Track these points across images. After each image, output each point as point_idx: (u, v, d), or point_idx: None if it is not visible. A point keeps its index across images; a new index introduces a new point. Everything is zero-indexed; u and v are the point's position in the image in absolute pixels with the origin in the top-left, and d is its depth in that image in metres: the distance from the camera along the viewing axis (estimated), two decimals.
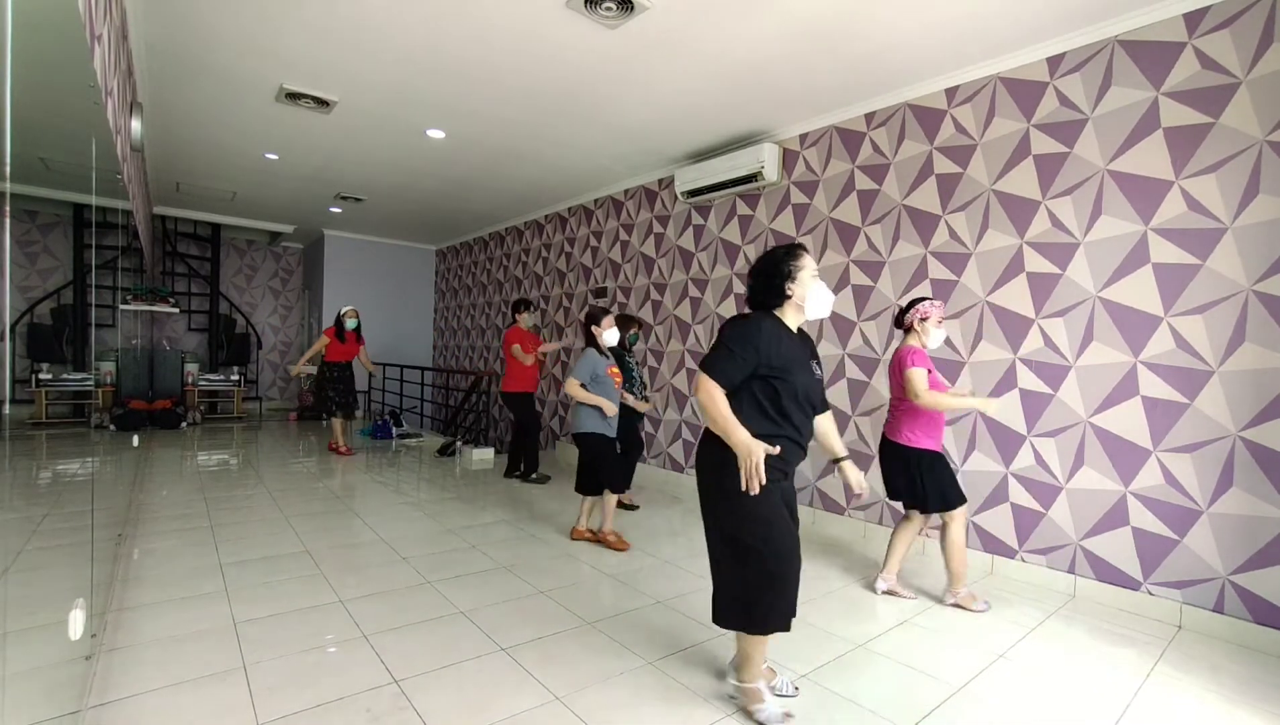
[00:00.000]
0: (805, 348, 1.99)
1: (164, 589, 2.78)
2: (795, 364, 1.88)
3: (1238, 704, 2.16)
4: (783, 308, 1.97)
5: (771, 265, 1.96)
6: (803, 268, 1.93)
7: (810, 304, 1.93)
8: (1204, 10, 2.74)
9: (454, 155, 5.33)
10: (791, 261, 1.94)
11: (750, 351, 1.84)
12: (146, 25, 3.31)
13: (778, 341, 1.87)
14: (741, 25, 3.11)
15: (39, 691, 1.73)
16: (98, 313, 5.46)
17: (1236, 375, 2.67)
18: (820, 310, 1.95)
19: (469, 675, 2.14)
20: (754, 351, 1.84)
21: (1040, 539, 3.23)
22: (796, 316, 1.97)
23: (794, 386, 1.86)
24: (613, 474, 3.60)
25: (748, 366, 1.84)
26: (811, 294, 1.92)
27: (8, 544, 1.75)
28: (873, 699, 2.09)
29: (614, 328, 3.67)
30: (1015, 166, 3.33)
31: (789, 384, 1.86)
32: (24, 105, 1.27)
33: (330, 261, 9.17)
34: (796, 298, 1.94)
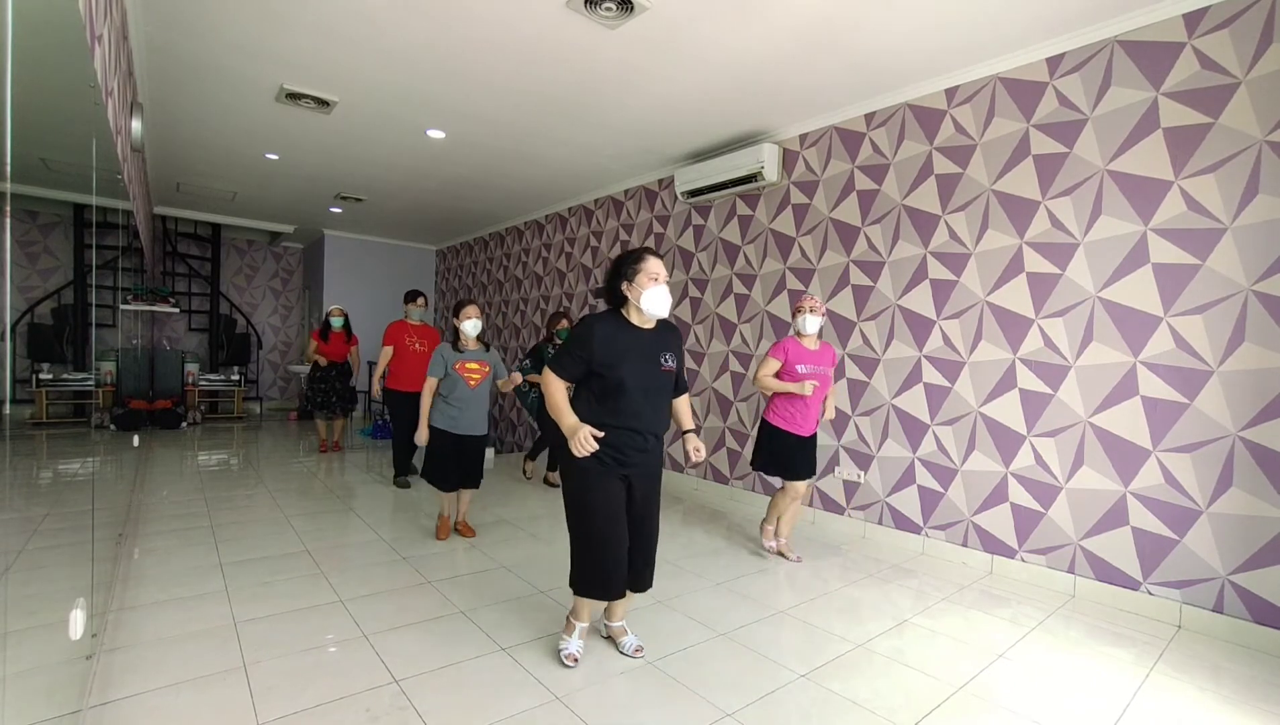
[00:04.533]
0: (656, 341, 2.18)
1: (164, 589, 2.78)
2: (628, 359, 2.08)
3: (1237, 704, 2.16)
4: (626, 307, 2.17)
5: (614, 268, 2.17)
6: (640, 271, 2.11)
7: (645, 304, 2.10)
8: (1203, 10, 2.74)
9: (454, 155, 5.33)
10: (631, 265, 2.13)
11: (584, 351, 2.08)
12: (147, 25, 3.31)
13: (609, 340, 2.08)
14: (741, 25, 3.11)
15: (39, 691, 1.74)
16: (98, 313, 5.45)
17: (1236, 375, 2.67)
18: (655, 309, 2.12)
19: (469, 675, 2.15)
20: (588, 351, 2.07)
21: (1040, 539, 3.23)
22: (639, 314, 2.16)
23: (622, 380, 2.06)
24: (431, 469, 3.51)
25: (583, 363, 2.09)
26: (646, 295, 2.10)
27: (8, 544, 1.75)
28: (872, 699, 2.09)
29: (475, 319, 3.49)
30: (1015, 167, 3.34)
31: (617, 378, 2.06)
32: (24, 105, 1.27)
33: (330, 261, 9.17)
34: (634, 298, 2.13)
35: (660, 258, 2.15)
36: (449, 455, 3.49)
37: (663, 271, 2.14)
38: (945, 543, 3.60)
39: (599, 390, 2.11)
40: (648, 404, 2.13)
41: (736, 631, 2.58)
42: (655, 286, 2.11)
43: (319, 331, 6.06)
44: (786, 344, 3.30)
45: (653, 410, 2.16)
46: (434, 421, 3.47)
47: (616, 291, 2.17)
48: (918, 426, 3.76)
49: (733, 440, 4.88)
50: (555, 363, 2.13)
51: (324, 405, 6.09)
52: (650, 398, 2.14)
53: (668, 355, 2.19)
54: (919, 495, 3.75)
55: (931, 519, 3.68)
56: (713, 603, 2.87)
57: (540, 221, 7.35)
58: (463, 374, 3.43)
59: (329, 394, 6.09)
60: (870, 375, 4.01)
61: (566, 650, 2.23)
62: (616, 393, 2.08)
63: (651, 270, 2.12)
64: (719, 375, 5.02)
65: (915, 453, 3.77)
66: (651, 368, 2.14)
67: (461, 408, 3.44)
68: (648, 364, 2.13)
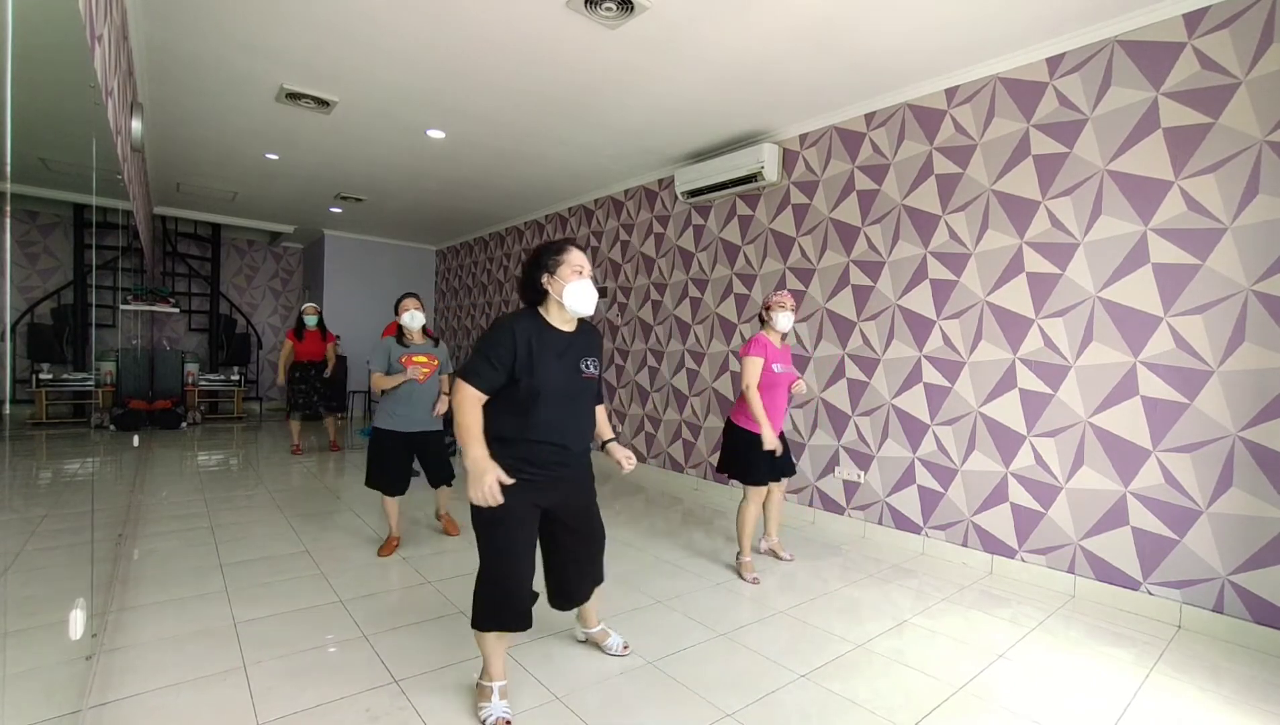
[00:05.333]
0: (578, 345, 1.97)
1: (164, 589, 2.78)
2: (547, 364, 1.86)
3: (1237, 704, 2.16)
4: (546, 304, 1.95)
5: (534, 260, 1.95)
6: (563, 263, 1.90)
7: (569, 300, 1.89)
8: (1204, 10, 2.74)
9: (454, 155, 5.33)
10: (553, 256, 1.91)
11: (505, 355, 1.83)
12: (147, 25, 3.31)
13: (527, 342, 1.85)
14: (741, 25, 3.11)
15: (39, 691, 1.73)
16: (98, 313, 5.46)
17: (1236, 375, 2.67)
18: (579, 306, 1.90)
19: (469, 675, 2.14)
20: (509, 355, 1.83)
21: (1040, 539, 3.23)
22: (560, 312, 1.94)
23: (540, 388, 1.84)
24: (375, 473, 3.34)
25: (504, 370, 1.83)
26: (569, 290, 1.88)
27: (8, 544, 1.75)
28: (872, 699, 2.09)
29: (416, 311, 3.37)
30: (1015, 167, 3.34)
31: (536, 386, 1.84)
32: (24, 105, 1.27)
33: (330, 261, 9.17)
34: (555, 293, 1.91)
35: (584, 250, 1.97)
36: (398, 457, 3.32)
37: (587, 265, 1.94)
38: (945, 543, 3.60)
39: (515, 400, 1.85)
40: (570, 414, 1.92)
41: (736, 631, 2.58)
42: (579, 280, 1.90)
43: (293, 331, 6.02)
44: (764, 342, 3.18)
45: (575, 421, 1.95)
46: (379, 422, 3.33)
47: (535, 285, 1.94)
48: (918, 426, 3.76)
49: None
50: (470, 372, 1.82)
51: (303, 405, 6.01)
52: (573, 408, 1.94)
53: (589, 361, 1.99)
54: (919, 495, 3.75)
55: (931, 519, 3.68)
56: (713, 603, 2.87)
57: (540, 221, 7.35)
58: (409, 367, 3.29)
59: (309, 394, 6.02)
60: (870, 375, 4.01)
61: (492, 718, 1.85)
62: (534, 403, 1.85)
63: (575, 262, 1.91)
64: (719, 375, 5.02)
65: (915, 453, 3.77)
66: (572, 375, 1.92)
67: (411, 404, 3.30)
68: (568, 371, 1.91)
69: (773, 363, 3.15)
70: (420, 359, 3.33)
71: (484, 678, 1.96)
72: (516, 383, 1.84)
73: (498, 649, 1.94)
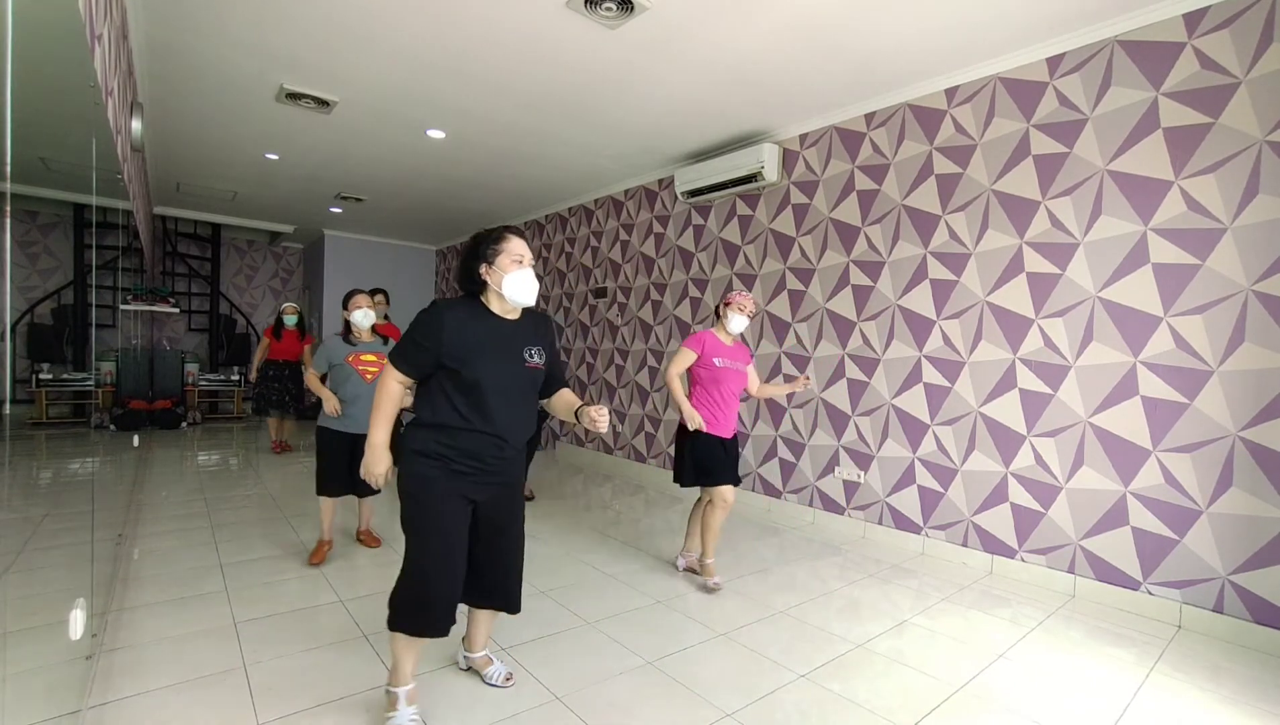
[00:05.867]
0: (520, 334, 1.88)
1: (164, 589, 2.78)
2: (484, 353, 1.78)
3: (1238, 704, 2.16)
4: (485, 293, 1.87)
5: (470, 249, 1.87)
6: (502, 252, 1.83)
7: (508, 290, 1.82)
8: (1204, 10, 2.74)
9: (454, 155, 5.33)
10: (491, 245, 1.84)
11: (431, 341, 1.75)
12: (147, 25, 3.31)
13: (461, 330, 1.77)
14: (741, 25, 3.11)
15: (39, 691, 1.74)
16: (98, 313, 5.46)
17: (1236, 375, 2.67)
18: (519, 295, 1.82)
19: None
20: (435, 341, 1.75)
21: (1040, 539, 3.23)
22: (500, 302, 1.86)
23: (476, 378, 1.76)
24: (322, 472, 3.19)
25: (429, 356, 1.77)
26: (508, 280, 1.81)
27: (8, 544, 1.75)
28: (872, 699, 2.09)
29: (361, 309, 3.21)
30: (1015, 167, 3.34)
31: (471, 375, 1.76)
32: (24, 105, 1.27)
33: (330, 261, 9.16)
34: (494, 283, 1.84)
35: (524, 238, 1.88)
36: (338, 459, 3.17)
37: (527, 253, 1.86)
38: (945, 543, 3.61)
39: (449, 389, 1.79)
40: (507, 406, 1.83)
41: (736, 631, 2.58)
42: (519, 270, 1.82)
43: (271, 329, 5.98)
44: (704, 336, 3.02)
45: (513, 414, 1.85)
46: (322, 421, 3.19)
47: (473, 275, 1.86)
48: (918, 426, 3.76)
49: None
50: (396, 354, 1.81)
51: (277, 403, 5.96)
52: (511, 399, 1.84)
53: (532, 350, 1.89)
54: (919, 495, 3.75)
55: (931, 519, 3.68)
56: (712, 603, 2.87)
57: (540, 221, 7.35)
58: (357, 367, 3.14)
59: (282, 393, 5.97)
60: (870, 375, 4.01)
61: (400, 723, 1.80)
62: (469, 392, 1.77)
63: (514, 251, 1.83)
64: None
65: (915, 453, 3.77)
66: (513, 365, 1.84)
67: (357, 405, 3.12)
68: (509, 361, 1.83)
69: (712, 357, 2.97)
70: (368, 358, 3.18)
71: (391, 681, 1.87)
72: (451, 372, 1.77)
73: (409, 653, 1.84)
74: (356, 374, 3.16)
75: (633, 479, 5.67)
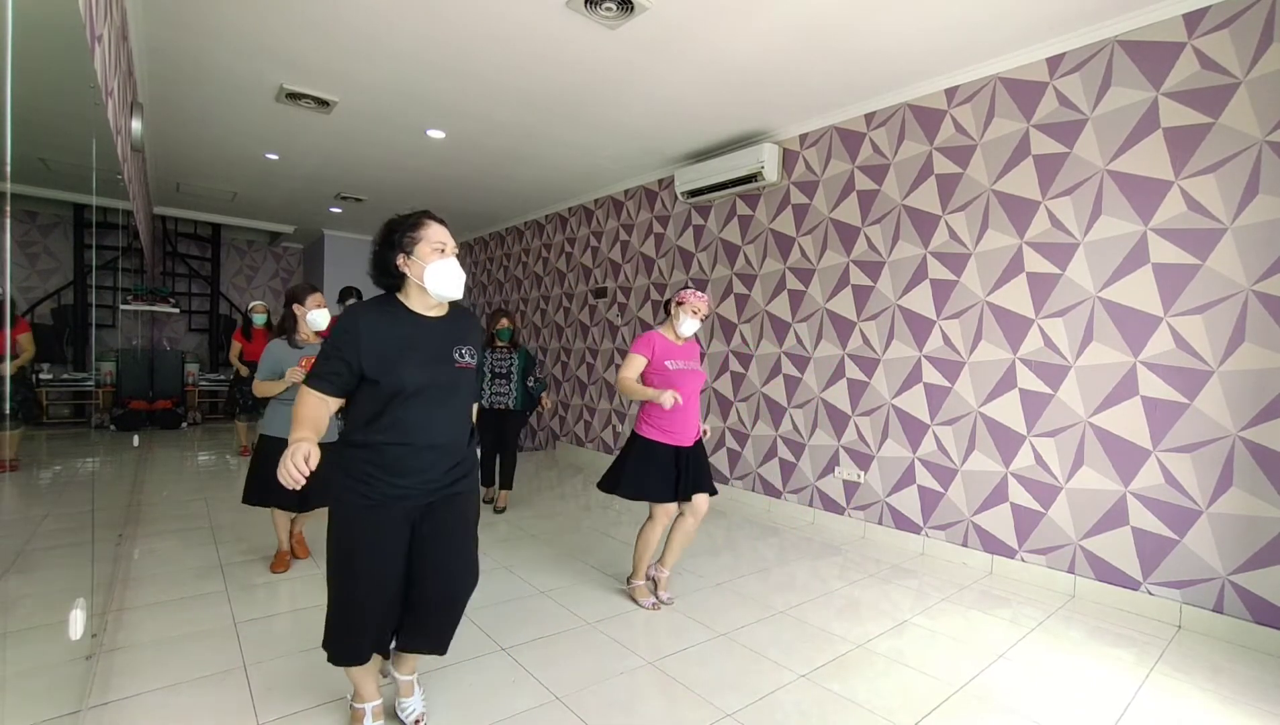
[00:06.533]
0: (448, 332, 1.69)
1: (164, 589, 2.78)
2: (407, 360, 1.59)
3: (1238, 704, 2.16)
4: (405, 288, 1.67)
5: (384, 238, 1.66)
6: (420, 240, 1.62)
7: (431, 283, 1.61)
8: (1204, 10, 2.74)
9: (454, 155, 5.33)
10: (407, 233, 1.63)
11: (348, 352, 1.57)
12: (147, 25, 3.31)
13: (379, 335, 1.59)
14: (741, 25, 3.11)
15: (39, 691, 1.74)
16: (98, 313, 5.46)
17: (1236, 375, 2.67)
18: (444, 289, 1.62)
19: (469, 675, 2.15)
20: (352, 352, 1.57)
21: (1040, 539, 3.23)
22: (422, 297, 1.66)
23: (401, 385, 1.57)
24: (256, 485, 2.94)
25: (347, 369, 1.58)
26: (430, 271, 1.61)
27: (8, 544, 1.75)
28: (872, 699, 2.09)
29: (322, 308, 3.01)
30: (1015, 166, 3.34)
31: (395, 382, 1.57)
32: (24, 105, 1.27)
33: (330, 261, 9.17)
34: (414, 276, 1.63)
35: (444, 224, 1.68)
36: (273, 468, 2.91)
37: (450, 241, 1.66)
38: (945, 543, 3.61)
39: (375, 399, 1.59)
40: (439, 412, 1.64)
41: (736, 631, 2.58)
42: (441, 259, 1.62)
43: (240, 331, 5.77)
44: (652, 338, 2.78)
45: (447, 419, 1.66)
46: (268, 429, 2.93)
47: (389, 268, 1.65)
48: (918, 426, 3.76)
49: (733, 441, 4.88)
50: (314, 375, 1.60)
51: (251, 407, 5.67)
52: (443, 404, 1.65)
53: (463, 349, 1.69)
54: (919, 495, 3.75)
55: (931, 519, 3.68)
56: (713, 603, 2.87)
57: (540, 221, 7.36)
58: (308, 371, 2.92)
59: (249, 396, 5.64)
60: (870, 375, 4.01)
61: None
62: (394, 401, 1.58)
63: (434, 238, 1.63)
64: (719, 375, 5.02)
65: (915, 453, 3.77)
66: (442, 368, 1.64)
67: None
68: (436, 362, 1.63)
69: (664, 359, 2.75)
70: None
71: (355, 699, 1.78)
72: (373, 382, 1.58)
73: (365, 675, 1.75)
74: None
75: None
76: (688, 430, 2.77)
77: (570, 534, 3.88)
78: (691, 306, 2.78)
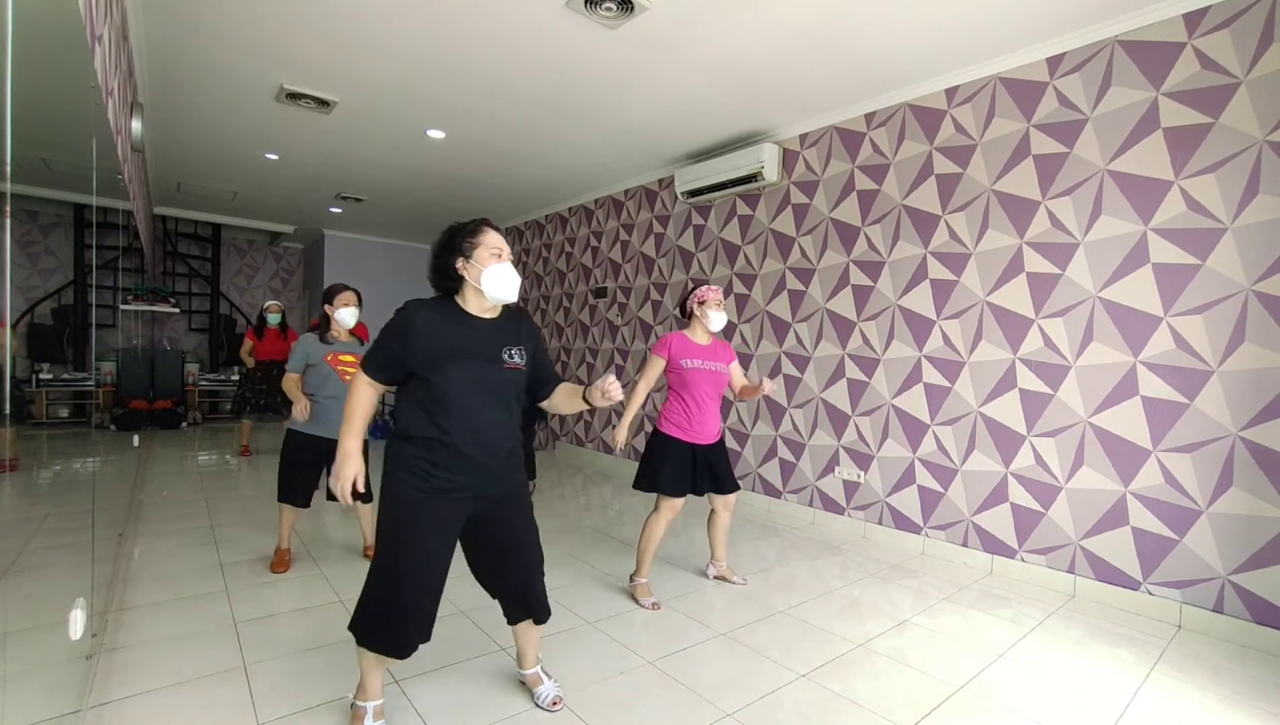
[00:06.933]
0: (499, 334, 1.77)
1: (164, 589, 2.78)
2: (458, 357, 1.67)
3: (1238, 704, 2.16)
4: (462, 291, 1.76)
5: (444, 243, 1.76)
6: (480, 245, 1.72)
7: (488, 286, 1.71)
8: (1204, 10, 2.74)
9: (454, 155, 5.33)
10: (467, 238, 1.73)
11: (400, 344, 1.66)
12: (147, 25, 3.31)
13: (432, 333, 1.66)
14: (741, 25, 3.11)
15: (39, 691, 1.74)
16: (99, 313, 5.47)
17: (1236, 375, 2.67)
18: (500, 292, 1.72)
19: (469, 675, 2.15)
20: (403, 345, 1.66)
21: (1040, 539, 3.23)
22: (478, 299, 1.76)
23: (447, 384, 1.65)
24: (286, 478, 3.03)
25: (398, 361, 1.67)
26: (488, 274, 1.70)
27: (9, 544, 1.75)
28: (872, 699, 2.09)
29: (350, 307, 3.05)
30: (1015, 166, 3.34)
31: (442, 381, 1.65)
32: (25, 105, 1.27)
33: (330, 261, 9.16)
34: (471, 279, 1.72)
35: (501, 231, 1.79)
36: (304, 465, 3.01)
37: (506, 247, 1.76)
38: (945, 543, 3.61)
39: (422, 396, 1.67)
40: (486, 413, 1.70)
41: (736, 631, 2.58)
42: (499, 263, 1.72)
43: (253, 329, 5.85)
44: (670, 340, 2.85)
45: (492, 420, 1.72)
46: (293, 425, 3.04)
47: (449, 272, 1.74)
48: (918, 426, 3.76)
49: (733, 441, 4.88)
50: (368, 359, 1.71)
51: (263, 406, 5.74)
52: (490, 405, 1.71)
53: (513, 350, 1.77)
54: (919, 495, 3.75)
55: (931, 519, 3.68)
56: (713, 603, 2.87)
57: (540, 221, 7.36)
58: (336, 367, 2.97)
59: (258, 396, 5.76)
60: (870, 375, 4.01)
61: None
62: (442, 400, 1.65)
63: (492, 244, 1.73)
64: None
65: (915, 453, 3.77)
66: (491, 367, 1.71)
67: (334, 406, 2.95)
68: (485, 363, 1.71)
69: (680, 358, 2.82)
70: (347, 359, 3.02)
71: (358, 696, 1.81)
72: (423, 379, 1.66)
73: (376, 667, 1.78)
74: (335, 374, 2.99)
75: (633, 479, 5.66)
76: (706, 429, 2.85)
77: (570, 534, 3.88)
78: (713, 301, 2.86)
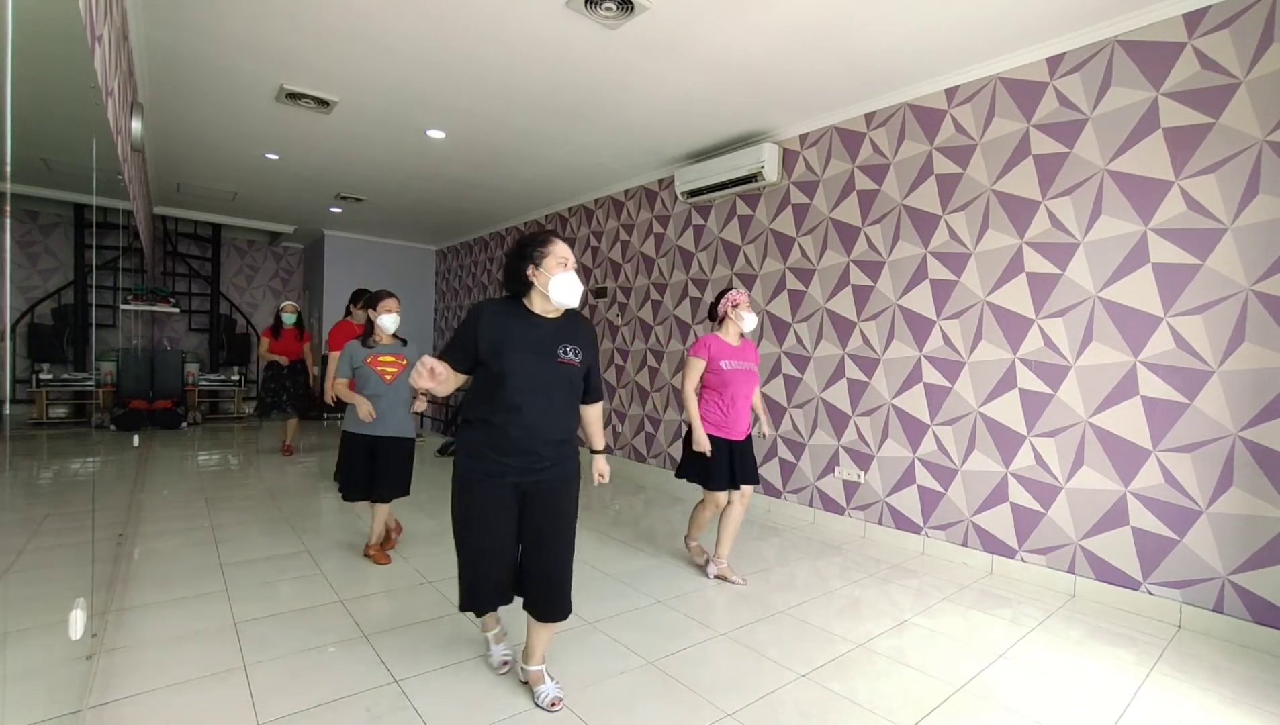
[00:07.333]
0: (558, 332, 1.97)
1: (164, 589, 2.78)
2: (516, 348, 1.88)
3: (1238, 704, 2.16)
4: (529, 294, 1.98)
5: (517, 251, 1.98)
6: (549, 255, 1.93)
7: (554, 292, 1.92)
8: (1204, 10, 2.74)
9: (454, 155, 5.33)
10: (538, 248, 1.94)
11: (468, 335, 1.90)
12: (147, 26, 3.31)
13: (496, 326, 1.90)
14: (742, 25, 3.11)
15: (39, 691, 1.74)
16: (99, 313, 5.46)
17: (1236, 375, 2.67)
18: (564, 297, 1.93)
19: (469, 675, 2.15)
20: (471, 336, 1.90)
21: (1040, 539, 3.23)
22: (543, 302, 1.97)
23: (503, 371, 1.86)
24: (344, 477, 3.26)
25: (469, 350, 1.90)
26: (554, 282, 1.91)
27: (9, 544, 1.75)
28: (872, 699, 2.09)
29: (395, 313, 3.20)
30: (1015, 166, 3.34)
31: (499, 368, 1.86)
32: (25, 106, 1.27)
33: (330, 261, 9.17)
34: (540, 284, 1.94)
35: (568, 242, 2.00)
36: (359, 463, 3.21)
37: (571, 257, 1.97)
38: (945, 543, 3.61)
39: (484, 382, 1.91)
40: (538, 402, 1.89)
41: (736, 631, 2.58)
42: (564, 272, 1.93)
43: (270, 329, 5.93)
44: (708, 341, 3.04)
45: (543, 410, 1.91)
46: (346, 426, 3.24)
47: (520, 276, 1.96)
48: (918, 426, 3.76)
49: None
50: (445, 349, 1.95)
51: (278, 404, 5.89)
52: (541, 395, 1.90)
53: (569, 347, 1.96)
54: (919, 495, 3.75)
55: (931, 519, 3.68)
56: (713, 603, 2.87)
57: (540, 221, 7.36)
58: (376, 368, 3.14)
59: (279, 393, 5.90)
60: (870, 375, 4.01)
61: (494, 659, 2.20)
62: (498, 386, 1.87)
63: (560, 254, 1.94)
64: None
65: (915, 453, 3.77)
66: (546, 362, 1.91)
67: (377, 403, 3.13)
68: (541, 356, 1.91)
69: (719, 360, 3.00)
70: (386, 359, 3.17)
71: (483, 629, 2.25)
72: (485, 366, 1.89)
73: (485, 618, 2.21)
74: (375, 375, 3.15)
75: (633, 479, 5.67)
76: (739, 425, 3.06)
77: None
78: (745, 303, 3.06)
